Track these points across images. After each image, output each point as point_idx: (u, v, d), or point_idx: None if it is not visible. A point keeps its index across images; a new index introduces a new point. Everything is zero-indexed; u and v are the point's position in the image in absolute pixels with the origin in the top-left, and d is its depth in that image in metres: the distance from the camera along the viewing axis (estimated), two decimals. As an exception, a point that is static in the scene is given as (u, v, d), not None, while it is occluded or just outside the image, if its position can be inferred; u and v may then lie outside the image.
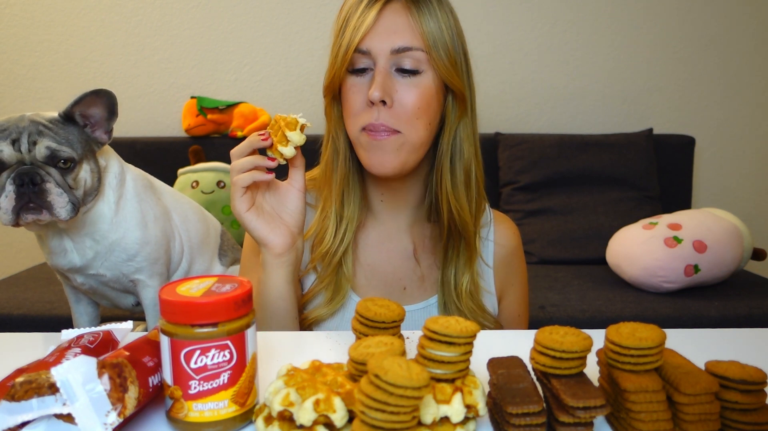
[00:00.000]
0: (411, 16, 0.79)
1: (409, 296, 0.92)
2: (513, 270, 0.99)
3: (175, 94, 2.48)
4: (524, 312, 1.02)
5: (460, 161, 0.86)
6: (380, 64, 0.79)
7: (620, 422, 0.53)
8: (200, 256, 1.16)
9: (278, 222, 0.81)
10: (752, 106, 2.55)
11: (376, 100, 0.78)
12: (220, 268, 1.21)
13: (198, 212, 1.19)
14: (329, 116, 0.88)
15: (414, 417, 0.46)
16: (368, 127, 0.80)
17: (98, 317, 1.15)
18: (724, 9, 2.48)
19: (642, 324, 0.54)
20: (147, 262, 1.01)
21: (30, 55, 2.45)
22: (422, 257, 0.93)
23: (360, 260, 0.92)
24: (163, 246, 1.04)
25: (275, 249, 0.80)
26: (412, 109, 0.80)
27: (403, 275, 0.92)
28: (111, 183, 0.99)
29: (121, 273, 1.01)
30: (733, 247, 1.79)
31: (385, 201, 0.91)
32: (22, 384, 0.49)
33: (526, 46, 2.49)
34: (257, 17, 2.45)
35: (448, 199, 0.86)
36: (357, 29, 0.79)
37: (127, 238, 0.99)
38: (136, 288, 1.03)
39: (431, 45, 0.79)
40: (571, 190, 2.25)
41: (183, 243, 1.11)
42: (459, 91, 0.84)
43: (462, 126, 0.86)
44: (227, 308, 0.52)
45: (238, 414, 0.53)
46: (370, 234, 0.93)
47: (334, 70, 0.82)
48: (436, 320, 0.53)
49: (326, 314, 0.88)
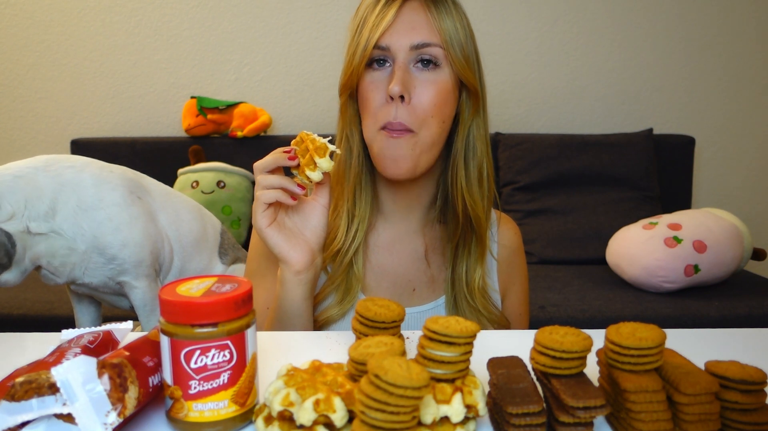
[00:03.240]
0: (429, 14, 0.81)
1: (418, 297, 0.92)
2: (515, 270, 1.00)
3: (175, 94, 2.48)
4: (525, 311, 1.03)
5: (473, 159, 0.87)
6: (399, 59, 0.80)
7: (620, 422, 0.53)
8: (196, 255, 1.15)
9: (300, 239, 0.80)
10: (752, 106, 2.55)
11: (395, 95, 0.79)
12: (221, 267, 1.20)
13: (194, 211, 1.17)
14: (344, 114, 0.88)
15: (414, 417, 0.46)
16: (387, 125, 0.81)
17: (100, 316, 1.15)
18: (724, 9, 2.48)
19: (642, 324, 0.54)
20: (129, 264, 1.00)
21: (30, 55, 2.45)
22: (432, 258, 0.93)
23: (370, 262, 0.92)
24: (147, 247, 1.02)
25: (295, 267, 0.79)
26: (428, 105, 0.80)
27: (413, 277, 0.92)
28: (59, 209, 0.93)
29: (107, 278, 1.00)
30: (733, 247, 1.79)
31: (397, 201, 0.92)
32: (22, 384, 0.49)
33: (526, 46, 2.49)
34: (257, 17, 2.45)
35: (463, 196, 0.87)
36: (376, 26, 0.80)
37: (99, 243, 0.97)
38: (124, 290, 1.03)
39: (448, 42, 0.81)
40: (571, 190, 2.25)
41: (172, 244, 1.10)
42: (473, 87, 0.84)
43: (475, 124, 0.87)
44: (227, 308, 0.52)
45: (238, 414, 0.53)
46: (380, 235, 0.93)
47: (352, 67, 0.82)
48: (436, 320, 0.53)
49: (337, 315, 0.87)
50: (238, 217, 2.14)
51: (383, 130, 0.81)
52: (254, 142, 2.33)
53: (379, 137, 0.82)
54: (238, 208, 2.14)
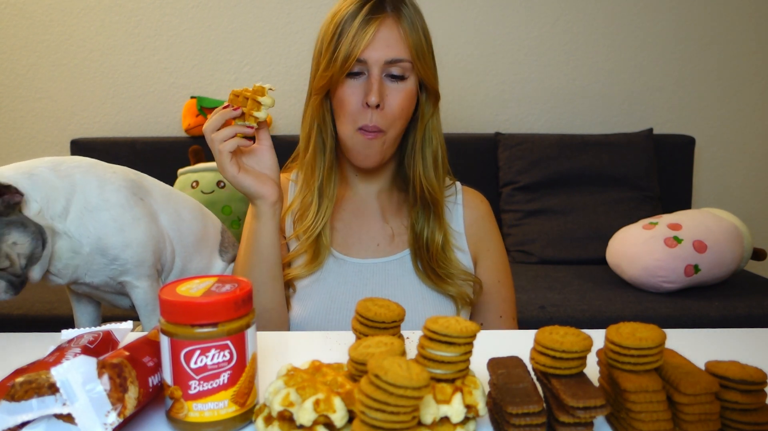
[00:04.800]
0: (401, 30, 0.93)
1: (382, 251, 1.04)
2: (486, 234, 1.09)
3: (175, 94, 2.48)
4: (504, 278, 1.09)
5: (429, 148, 1.00)
6: (374, 72, 0.92)
7: (620, 422, 0.53)
8: (197, 255, 1.15)
9: (264, 177, 0.93)
10: (752, 106, 2.55)
11: (373, 104, 0.91)
12: (221, 265, 1.20)
13: (195, 210, 1.17)
14: (316, 110, 0.99)
15: (414, 417, 0.46)
16: (363, 127, 0.94)
17: (99, 317, 1.15)
18: (724, 9, 2.48)
19: (642, 324, 0.54)
20: (131, 265, 1.00)
21: (30, 55, 2.45)
22: (391, 219, 1.06)
23: (342, 224, 1.06)
24: (149, 248, 1.03)
25: (270, 198, 0.92)
26: (398, 110, 0.94)
27: (376, 234, 1.05)
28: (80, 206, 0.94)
29: (108, 278, 1.00)
30: (733, 247, 1.79)
31: (360, 176, 1.06)
32: (22, 384, 0.49)
33: (526, 46, 2.49)
34: (257, 17, 2.45)
35: (421, 181, 1.00)
36: (358, 42, 0.91)
37: (103, 244, 0.97)
38: (125, 289, 1.03)
39: (415, 56, 0.93)
40: (571, 190, 2.25)
41: (174, 244, 1.10)
42: (434, 89, 0.98)
43: (435, 118, 1.01)
44: (227, 308, 0.52)
45: (238, 414, 0.53)
46: (348, 202, 1.07)
47: (331, 73, 0.93)
48: (436, 320, 0.53)
49: (304, 274, 1.00)
50: (238, 217, 2.14)
51: (360, 130, 0.94)
52: (254, 142, 2.33)
53: (356, 137, 0.95)
54: (238, 208, 2.14)
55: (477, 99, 2.50)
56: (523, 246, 2.20)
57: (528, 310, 1.69)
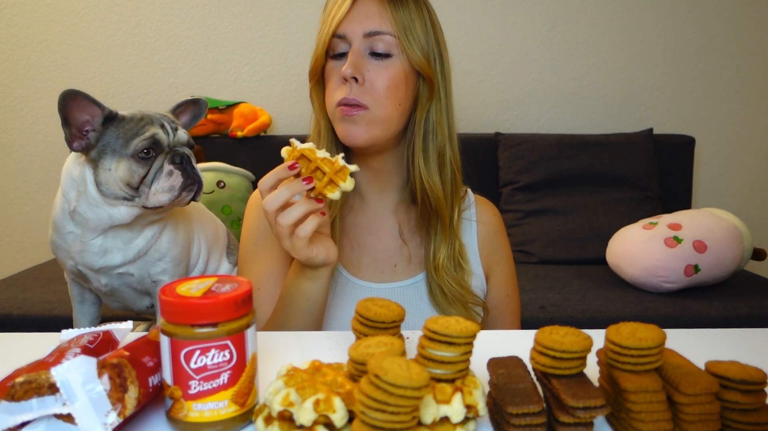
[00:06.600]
0: (382, 5, 0.87)
1: (399, 273, 0.98)
2: (497, 249, 1.04)
3: (175, 94, 2.48)
4: (513, 292, 1.06)
5: (433, 141, 0.92)
6: (354, 45, 0.87)
7: (620, 422, 0.53)
8: (212, 256, 1.17)
9: (323, 238, 0.82)
10: (752, 106, 2.55)
11: (348, 76, 0.86)
12: (228, 266, 1.22)
13: (208, 212, 1.20)
14: (314, 100, 0.95)
15: (414, 417, 0.46)
16: (342, 101, 0.87)
17: (99, 317, 1.15)
18: (724, 9, 2.48)
19: (642, 324, 0.54)
20: (172, 263, 1.02)
21: (30, 55, 2.45)
22: (408, 237, 0.99)
23: (352, 241, 0.98)
24: (186, 248, 1.06)
25: (334, 262, 0.82)
26: (381, 87, 0.87)
27: (393, 254, 0.98)
28: None
29: (147, 274, 1.01)
30: (733, 247, 1.79)
31: (371, 183, 0.98)
32: (22, 384, 0.49)
33: (526, 46, 2.49)
34: (257, 17, 2.45)
35: (420, 175, 0.91)
36: (334, 16, 0.88)
37: (161, 238, 1.00)
38: (156, 288, 1.03)
39: (401, 31, 0.87)
40: (571, 190, 2.25)
41: (201, 245, 1.12)
42: (427, 75, 0.90)
43: (434, 109, 0.92)
44: (227, 308, 0.52)
45: (238, 414, 0.53)
46: (359, 216, 0.99)
47: (316, 55, 0.91)
48: (436, 320, 0.53)
49: None
50: (238, 217, 2.14)
51: (339, 106, 0.88)
52: (254, 142, 2.33)
53: (337, 112, 0.88)
54: (238, 208, 2.14)
55: (477, 99, 2.50)
56: (523, 246, 2.20)
57: (528, 310, 1.69)
